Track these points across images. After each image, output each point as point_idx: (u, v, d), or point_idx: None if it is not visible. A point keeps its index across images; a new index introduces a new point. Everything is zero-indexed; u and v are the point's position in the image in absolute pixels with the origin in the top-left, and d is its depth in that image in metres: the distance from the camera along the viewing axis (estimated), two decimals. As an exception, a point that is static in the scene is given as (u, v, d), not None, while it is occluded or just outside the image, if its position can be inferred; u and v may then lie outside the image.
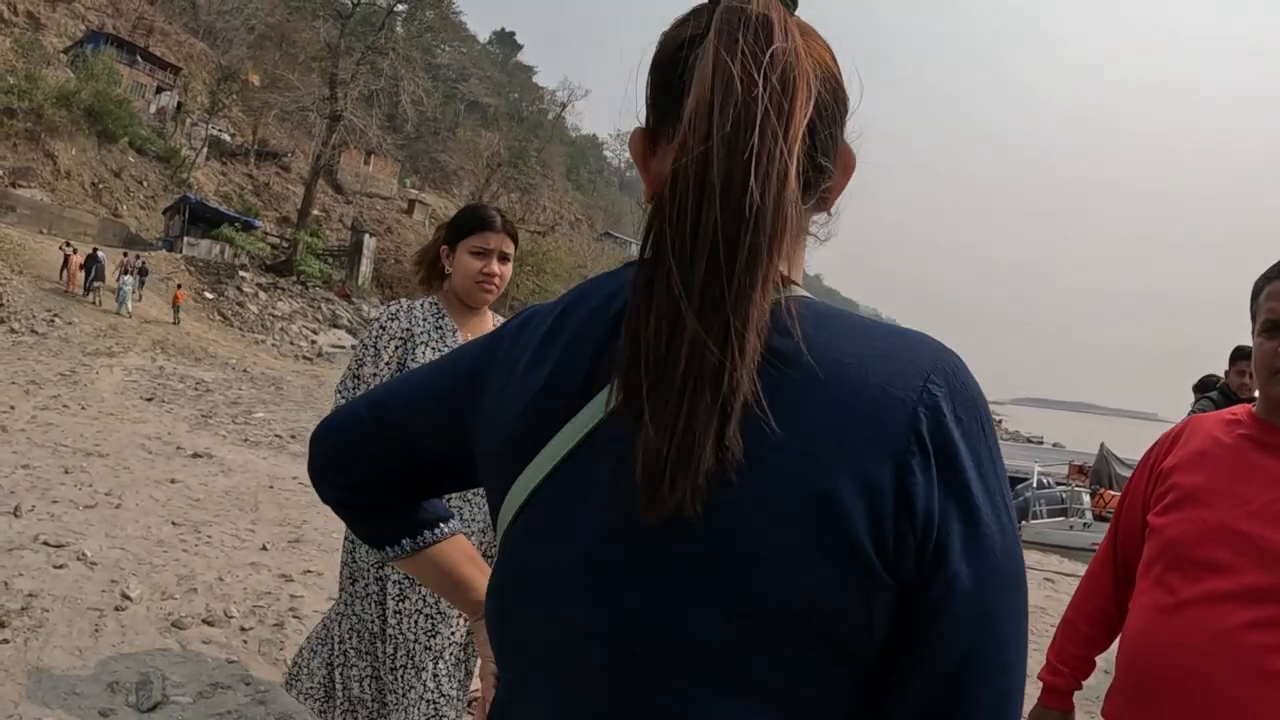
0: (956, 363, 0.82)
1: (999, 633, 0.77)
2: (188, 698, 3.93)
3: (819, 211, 0.91)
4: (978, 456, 0.78)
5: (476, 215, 2.95)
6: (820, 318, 0.82)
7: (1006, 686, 0.79)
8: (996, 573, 0.77)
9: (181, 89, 60.61)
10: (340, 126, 48.20)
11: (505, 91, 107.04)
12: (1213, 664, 1.75)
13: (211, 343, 27.82)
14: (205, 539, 6.56)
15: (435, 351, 2.78)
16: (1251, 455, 1.90)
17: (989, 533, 0.77)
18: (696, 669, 0.76)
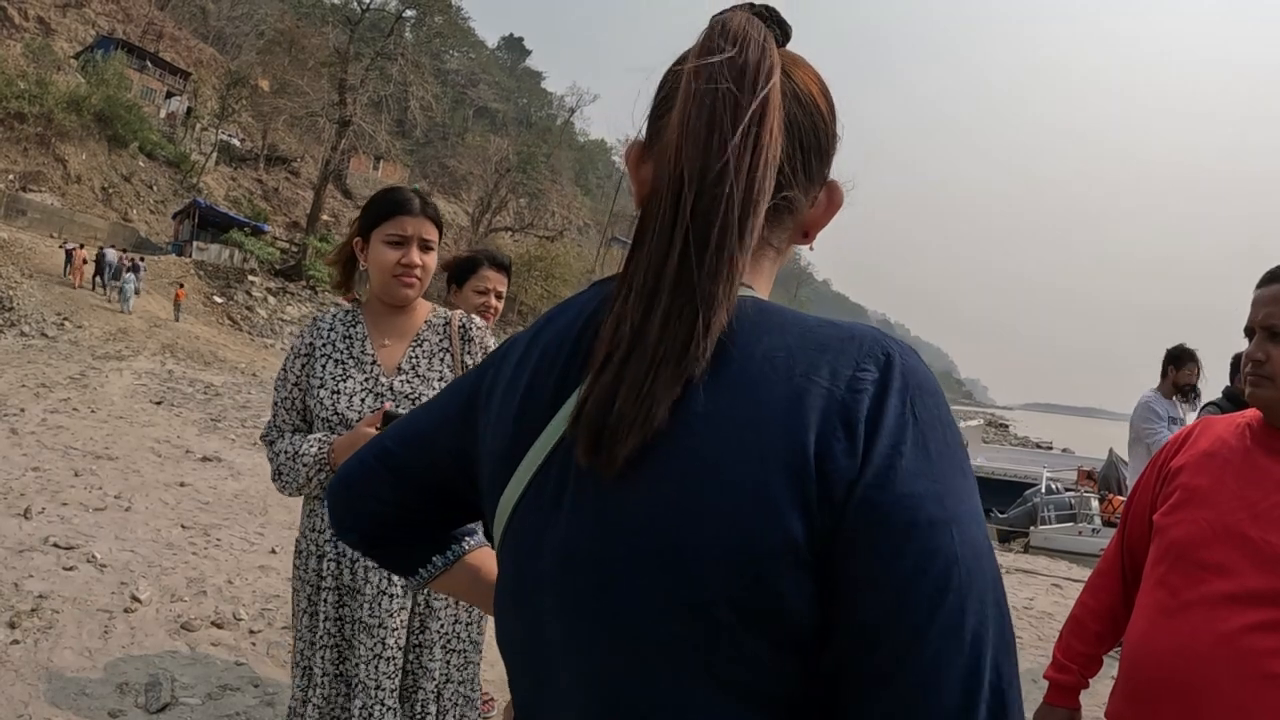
0: (896, 350, 0.81)
1: (914, 619, 0.73)
2: (196, 699, 3.95)
3: (800, 241, 0.97)
4: (916, 438, 0.77)
5: (390, 199, 2.59)
6: (763, 315, 0.85)
7: (921, 679, 0.73)
8: (920, 561, 0.73)
9: (191, 94, 60.80)
10: (349, 132, 48.24)
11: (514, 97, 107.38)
12: (1213, 666, 1.76)
13: (221, 347, 27.88)
14: (214, 542, 6.58)
15: (338, 364, 2.56)
16: (1258, 458, 1.90)
17: (918, 520, 0.74)
18: (668, 665, 0.79)
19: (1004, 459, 33.04)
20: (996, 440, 59.89)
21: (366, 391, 2.54)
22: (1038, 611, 8.00)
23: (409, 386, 2.57)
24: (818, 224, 0.96)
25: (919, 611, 0.73)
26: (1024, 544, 17.05)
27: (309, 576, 2.56)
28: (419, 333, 2.66)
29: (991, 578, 0.75)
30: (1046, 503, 18.81)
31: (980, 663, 0.73)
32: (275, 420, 2.61)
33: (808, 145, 0.90)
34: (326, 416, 2.52)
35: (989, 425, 75.77)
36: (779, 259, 0.96)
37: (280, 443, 2.56)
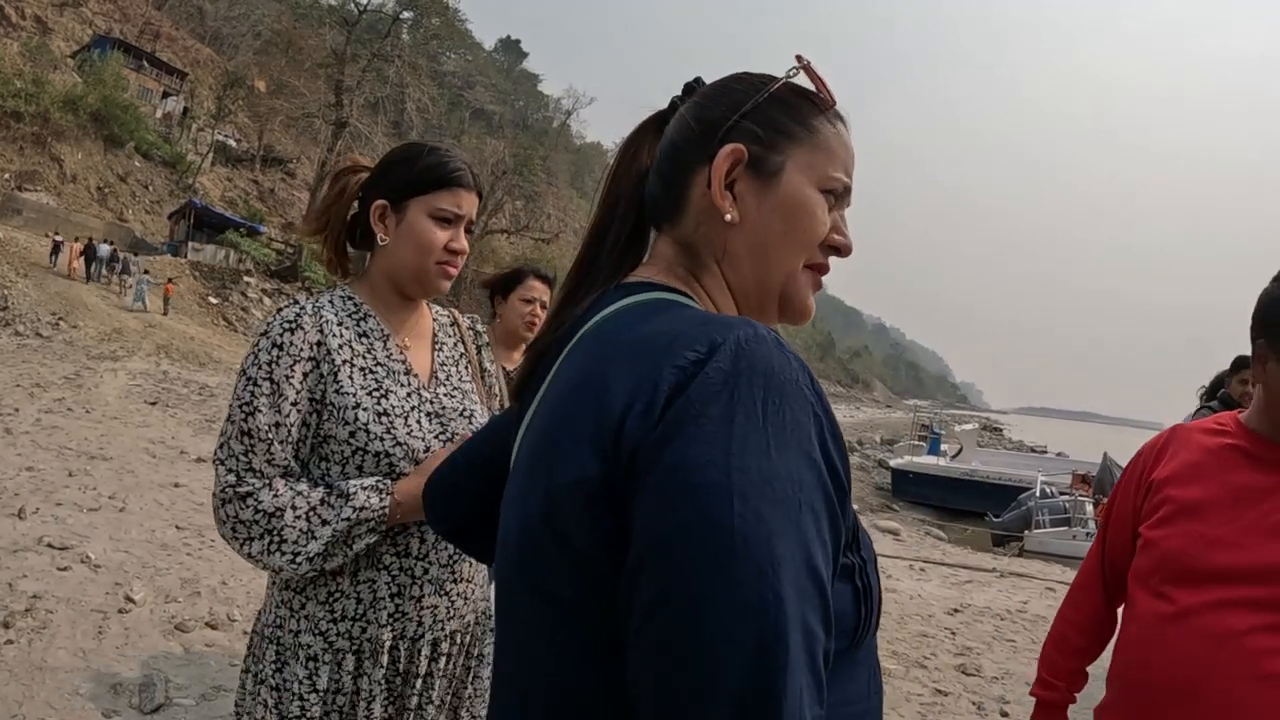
0: (738, 337, 0.83)
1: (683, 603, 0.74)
2: (190, 700, 3.95)
3: (715, 219, 1.03)
4: (722, 414, 0.78)
5: (445, 163, 1.95)
6: (654, 310, 0.96)
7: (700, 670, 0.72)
8: (686, 520, 0.75)
9: (188, 94, 60.77)
10: (346, 133, 48.30)
11: (510, 99, 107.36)
12: (1216, 670, 1.77)
13: (216, 347, 27.84)
14: (209, 543, 6.58)
15: (366, 373, 1.88)
16: (1243, 468, 1.91)
17: (692, 482, 0.76)
18: (519, 581, 0.91)
19: (999, 463, 33.15)
20: (991, 444, 59.94)
21: (417, 410, 1.91)
22: (1031, 615, 8.03)
23: (454, 400, 2.01)
24: (716, 197, 1.01)
25: (673, 571, 0.75)
26: (1018, 548, 17.11)
27: (344, 682, 1.83)
28: (434, 333, 2.10)
29: (779, 556, 0.74)
30: (1041, 507, 18.90)
31: (734, 637, 0.72)
32: (251, 462, 1.77)
33: (672, 163, 1.06)
34: (383, 449, 1.83)
35: (984, 429, 75.81)
36: (692, 248, 1.05)
37: (269, 495, 1.76)
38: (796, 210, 1.01)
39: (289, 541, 1.74)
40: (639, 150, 1.12)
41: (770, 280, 1.04)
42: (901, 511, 23.64)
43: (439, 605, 1.91)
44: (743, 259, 1.03)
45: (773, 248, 1.02)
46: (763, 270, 1.03)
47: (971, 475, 27.51)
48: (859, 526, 0.96)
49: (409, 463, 1.84)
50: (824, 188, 1.03)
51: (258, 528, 1.74)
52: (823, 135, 1.04)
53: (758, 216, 1.01)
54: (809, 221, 1.02)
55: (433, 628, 1.91)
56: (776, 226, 1.01)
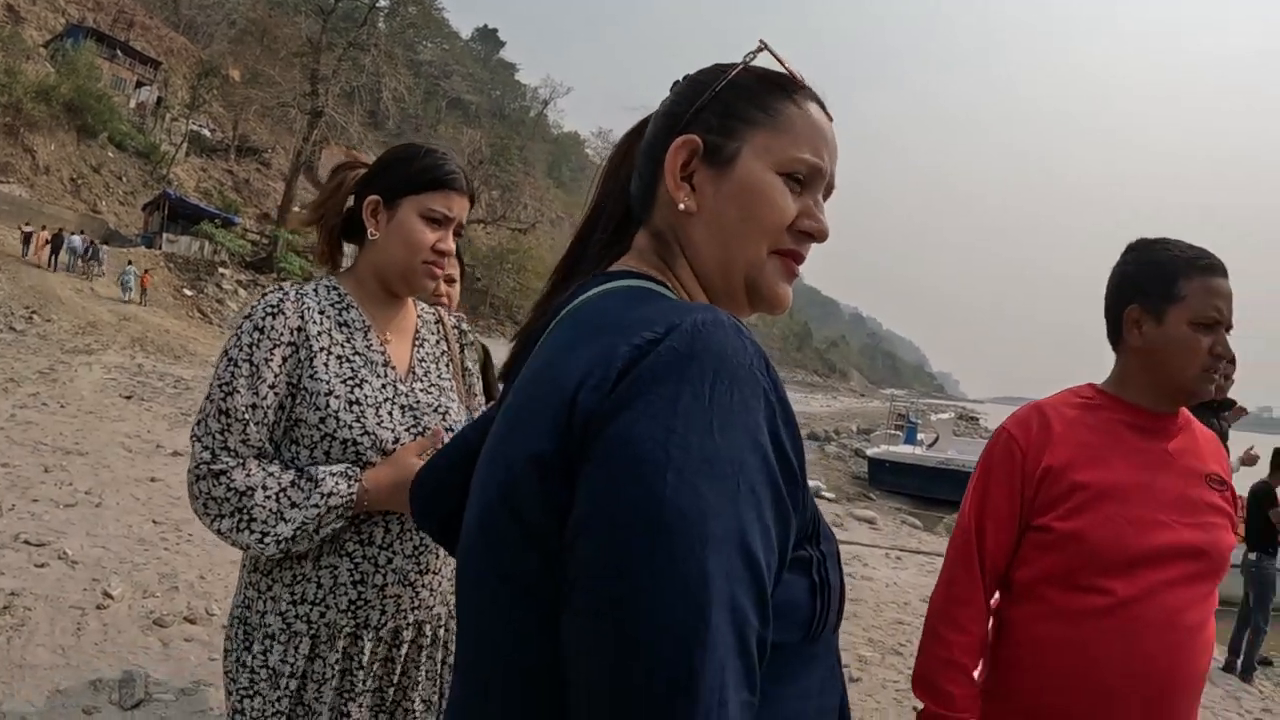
0: (695, 321, 0.85)
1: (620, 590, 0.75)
2: (170, 695, 3.99)
3: (677, 211, 1.06)
4: (669, 392, 0.80)
5: (439, 165, 2.02)
6: (606, 295, 0.99)
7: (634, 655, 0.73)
8: (621, 495, 0.77)
9: (162, 84, 60.19)
10: (321, 122, 47.99)
11: (487, 89, 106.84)
12: (1176, 652, 1.83)
13: (191, 340, 27.69)
14: (186, 537, 6.61)
15: (343, 361, 1.92)
16: (1135, 441, 1.96)
17: (630, 455, 0.78)
18: (475, 559, 0.93)
19: (975, 452, 33.23)
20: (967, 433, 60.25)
21: (390, 403, 1.95)
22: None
23: (431, 396, 2.05)
24: (670, 188, 1.05)
25: (603, 540, 0.76)
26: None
27: (298, 665, 1.88)
28: (416, 329, 2.14)
29: (710, 534, 0.75)
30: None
31: (655, 609, 0.73)
32: (226, 441, 1.82)
33: (640, 168, 1.11)
34: (351, 437, 1.88)
35: (960, 419, 76.21)
36: (663, 239, 1.07)
37: (242, 474, 1.81)
38: (752, 196, 1.01)
39: (258, 521, 1.79)
40: (628, 152, 1.16)
41: (733, 268, 1.04)
42: (878, 500, 23.78)
43: (402, 595, 1.94)
44: (703, 248, 1.04)
45: (730, 235, 1.02)
46: (724, 259, 1.03)
47: (947, 464, 27.60)
48: (820, 521, 0.96)
49: (376, 452, 1.89)
50: (786, 171, 1.02)
51: (228, 505, 1.80)
52: (785, 117, 1.03)
53: (714, 205, 1.02)
54: (766, 208, 1.01)
55: (395, 616, 1.93)
56: (732, 214, 1.02)
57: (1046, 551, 1.92)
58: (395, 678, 1.99)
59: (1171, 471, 1.93)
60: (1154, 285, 1.97)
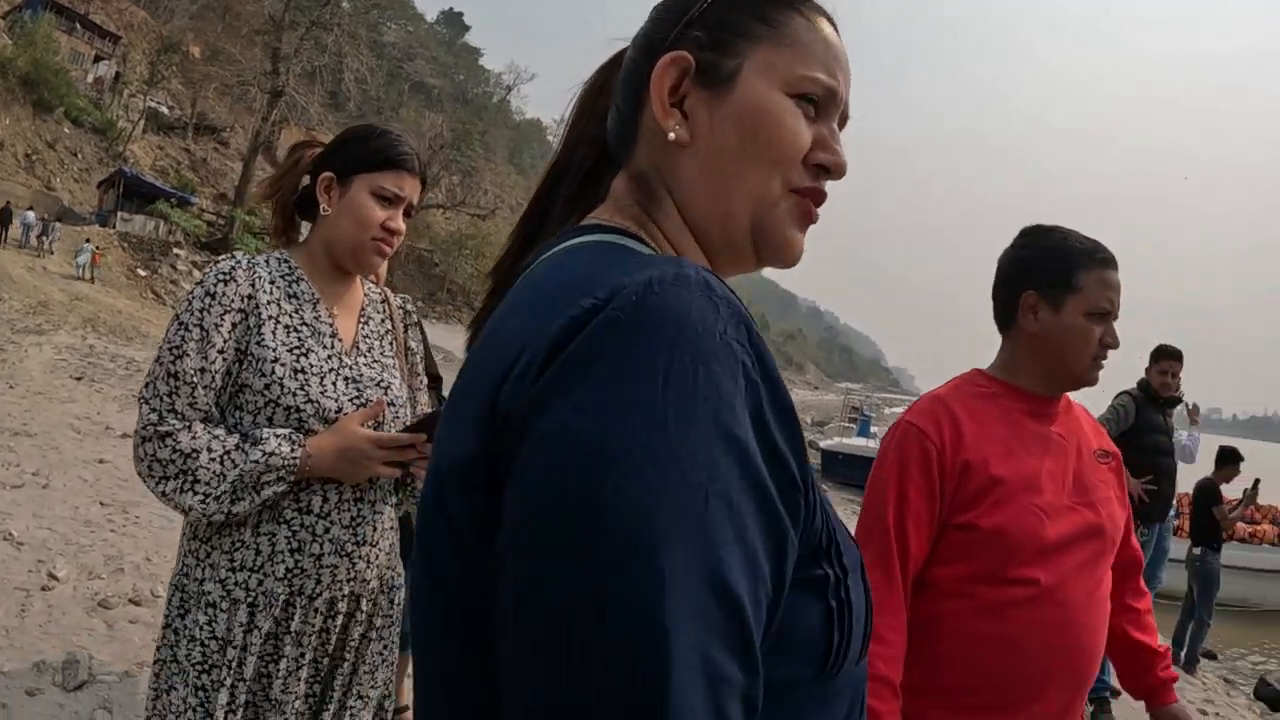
0: (644, 285, 0.68)
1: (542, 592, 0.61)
2: (114, 676, 3.99)
3: (663, 140, 0.88)
4: (608, 372, 0.64)
5: (392, 145, 2.07)
6: (569, 253, 0.82)
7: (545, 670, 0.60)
8: (548, 487, 0.63)
9: (121, 59, 59.23)
10: (281, 102, 47.37)
11: (451, 73, 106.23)
12: (1090, 630, 1.89)
13: (144, 321, 27.34)
14: (133, 519, 6.56)
15: (290, 331, 1.96)
16: (1034, 427, 1.99)
17: (564, 447, 0.63)
18: (424, 564, 0.79)
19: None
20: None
21: (334, 373, 1.99)
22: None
23: (373, 370, 2.09)
24: (657, 113, 0.88)
25: (531, 579, 0.62)
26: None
27: (235, 635, 1.89)
28: (363, 307, 2.19)
29: (664, 568, 0.59)
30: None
31: (594, 680, 0.58)
32: (174, 403, 1.85)
33: (618, 102, 0.94)
34: (294, 404, 1.91)
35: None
36: (644, 182, 0.90)
37: (187, 436, 1.83)
38: (757, 120, 0.84)
39: (202, 482, 1.81)
40: (603, 86, 0.99)
41: (734, 210, 0.86)
42: (831, 491, 23.99)
43: (339, 565, 1.97)
44: (698, 187, 0.87)
45: (731, 168, 0.85)
46: (723, 198, 0.86)
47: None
48: (837, 530, 0.79)
49: (318, 420, 1.93)
50: (796, 91, 0.86)
51: (173, 467, 1.82)
52: (791, 30, 0.87)
53: (711, 133, 0.86)
54: (776, 132, 0.84)
55: (330, 587, 1.96)
56: (733, 142, 0.85)
57: (971, 548, 1.89)
58: (330, 649, 2.01)
59: (1065, 454, 1.99)
60: (1053, 274, 2.00)
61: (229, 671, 1.87)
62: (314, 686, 2.00)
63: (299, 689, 1.95)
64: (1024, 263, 2.05)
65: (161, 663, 1.93)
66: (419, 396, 2.32)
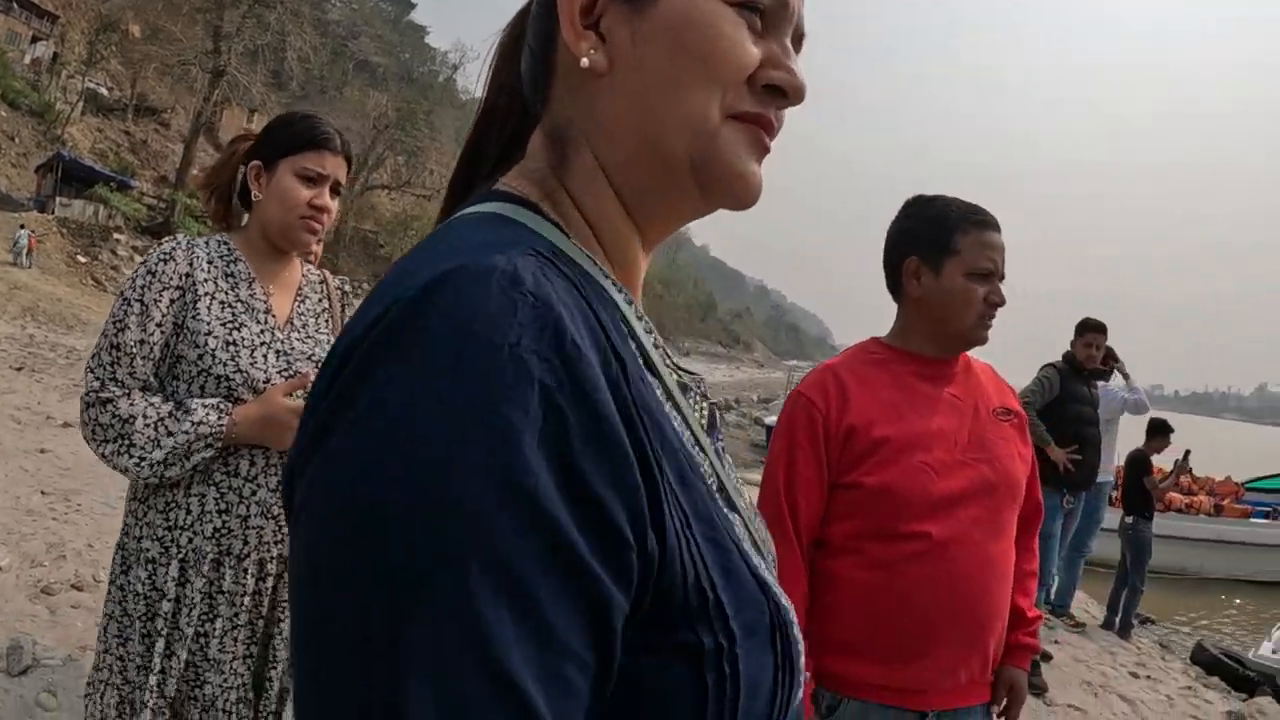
0: (419, 283, 0.57)
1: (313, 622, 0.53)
2: (58, 660, 4.01)
3: (587, 79, 0.74)
4: (370, 398, 0.53)
5: (312, 127, 2.19)
6: (447, 227, 0.71)
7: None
8: (306, 538, 0.54)
9: (58, 39, 57.78)
10: (223, 82, 46.60)
11: (396, 51, 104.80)
12: (982, 583, 1.98)
13: (84, 309, 26.86)
14: (75, 507, 6.52)
15: (225, 306, 2.09)
16: (922, 387, 2.09)
17: (312, 498, 0.54)
18: None
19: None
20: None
21: (266, 347, 2.12)
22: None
23: (305, 345, 2.21)
24: (567, 35, 0.73)
25: (293, 644, 0.54)
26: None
27: (168, 589, 2.01)
28: (300, 286, 2.31)
29: (404, 664, 0.47)
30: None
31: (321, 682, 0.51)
32: (115, 372, 2.00)
33: (529, 39, 0.79)
34: (224, 374, 2.04)
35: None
36: (559, 135, 0.77)
37: (126, 403, 1.98)
38: (687, 32, 0.69)
39: (137, 446, 1.97)
40: (525, 29, 0.81)
41: (666, 143, 0.71)
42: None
43: (265, 527, 2.09)
44: (622, 122, 0.72)
45: (659, 94, 0.70)
46: (651, 130, 0.71)
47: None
48: (734, 584, 0.63)
49: (248, 390, 2.06)
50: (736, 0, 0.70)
51: (112, 431, 1.98)
52: None
53: (633, 54, 0.71)
54: (712, 45, 0.69)
55: (259, 548, 2.09)
56: (660, 62, 0.70)
57: (859, 506, 2.00)
58: (265, 610, 2.13)
59: (961, 413, 2.08)
60: (931, 239, 2.09)
61: (165, 623, 2.01)
62: (251, 648, 2.10)
63: (236, 649, 2.06)
64: (906, 231, 2.15)
65: (109, 617, 2.07)
66: None
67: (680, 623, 0.59)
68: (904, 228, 2.16)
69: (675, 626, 0.59)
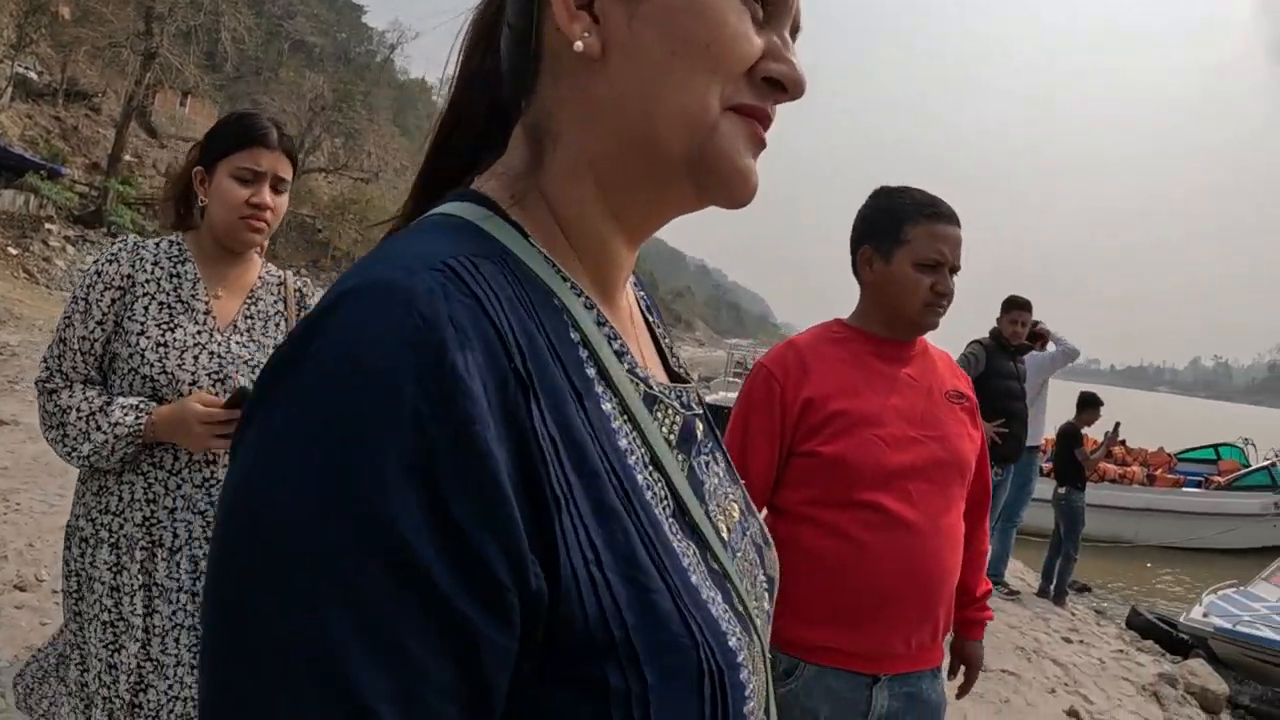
0: (329, 298, 0.57)
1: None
2: (4, 661, 4.00)
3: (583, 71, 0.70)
4: (256, 441, 0.55)
5: (245, 125, 2.21)
6: (403, 232, 0.69)
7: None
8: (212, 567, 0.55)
9: (-19, 23, 56.19)
10: (155, 64, 45.58)
11: (332, 31, 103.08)
12: (934, 552, 2.08)
13: (16, 303, 26.21)
14: (14, 506, 6.44)
15: (163, 307, 2.16)
16: (879, 365, 2.20)
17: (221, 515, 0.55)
18: None
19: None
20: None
21: (200, 348, 2.18)
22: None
23: (246, 350, 2.25)
24: (560, 17, 0.68)
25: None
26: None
27: (101, 573, 2.13)
28: (254, 289, 2.34)
29: (249, 687, 0.50)
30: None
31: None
32: (60, 365, 2.14)
33: (510, 19, 0.74)
34: (150, 374, 2.12)
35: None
36: (540, 128, 0.73)
37: (67, 394, 2.11)
38: (689, 17, 0.66)
39: (70, 438, 2.10)
40: (501, 7, 0.76)
41: (662, 135, 0.68)
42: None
43: (193, 522, 2.16)
44: (612, 111, 0.69)
45: (660, 78, 0.67)
46: (647, 121, 0.68)
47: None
48: (659, 628, 0.59)
49: (172, 390, 2.13)
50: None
51: (54, 419, 2.13)
52: None
53: (630, 39, 0.67)
54: (715, 33, 0.66)
55: (190, 543, 2.15)
56: (658, 47, 0.67)
57: (815, 474, 2.10)
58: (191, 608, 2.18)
59: (914, 392, 2.20)
60: (883, 229, 2.20)
61: (101, 609, 2.12)
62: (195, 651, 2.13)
63: (180, 654, 2.12)
64: (864, 219, 2.27)
65: (65, 593, 2.19)
66: None
67: (584, 658, 0.56)
68: (863, 216, 2.27)
69: (579, 661, 0.56)
